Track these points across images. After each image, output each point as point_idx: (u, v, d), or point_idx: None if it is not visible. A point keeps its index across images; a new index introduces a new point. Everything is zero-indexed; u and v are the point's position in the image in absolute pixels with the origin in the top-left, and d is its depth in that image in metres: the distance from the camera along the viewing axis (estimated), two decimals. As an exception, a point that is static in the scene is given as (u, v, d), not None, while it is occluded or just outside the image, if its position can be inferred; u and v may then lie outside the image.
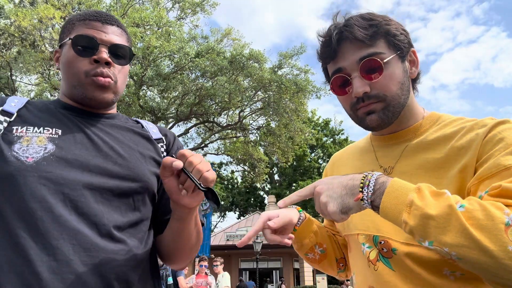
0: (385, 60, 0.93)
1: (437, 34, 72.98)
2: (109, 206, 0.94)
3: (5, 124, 0.95)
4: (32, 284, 0.80)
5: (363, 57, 0.94)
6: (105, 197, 0.94)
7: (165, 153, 1.14)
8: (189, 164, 0.89)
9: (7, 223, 0.85)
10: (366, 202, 0.80)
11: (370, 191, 0.79)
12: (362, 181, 0.81)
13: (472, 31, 71.28)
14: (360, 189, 0.80)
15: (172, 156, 0.91)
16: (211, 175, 0.90)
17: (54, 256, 0.83)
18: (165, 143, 1.16)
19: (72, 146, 0.96)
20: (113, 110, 1.14)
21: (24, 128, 0.95)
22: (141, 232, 1.00)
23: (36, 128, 0.96)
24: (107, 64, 1.02)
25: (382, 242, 0.95)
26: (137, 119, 1.20)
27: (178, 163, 0.87)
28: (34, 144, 0.92)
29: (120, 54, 1.05)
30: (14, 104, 1.00)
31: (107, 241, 0.90)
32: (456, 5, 69.85)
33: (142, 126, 1.16)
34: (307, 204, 30.05)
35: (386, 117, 0.97)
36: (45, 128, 0.96)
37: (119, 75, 1.06)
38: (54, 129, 0.97)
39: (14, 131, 0.94)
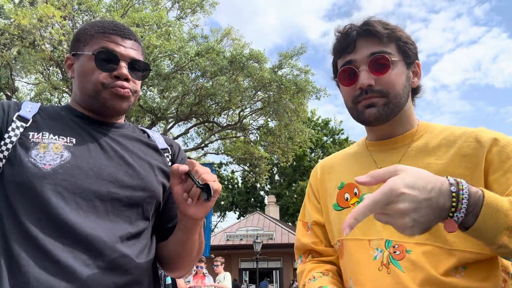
0: (392, 59, 1.00)
1: (438, 35, 72.94)
2: (119, 216, 0.98)
3: (21, 130, 0.97)
4: (52, 284, 0.84)
5: (374, 52, 1.00)
6: (116, 207, 0.97)
7: (170, 163, 1.17)
8: (195, 173, 0.94)
9: (25, 227, 0.88)
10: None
11: (462, 216, 0.71)
12: (454, 204, 0.71)
13: (473, 32, 71.23)
14: (451, 214, 0.71)
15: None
16: (217, 185, 0.94)
17: (75, 259, 0.88)
18: (170, 153, 1.19)
19: (86, 155, 0.99)
20: (122, 119, 1.17)
21: (40, 134, 0.97)
22: (146, 239, 1.04)
23: (51, 135, 0.98)
24: (126, 79, 1.05)
25: (396, 245, 0.96)
26: (144, 128, 1.24)
27: (184, 167, 0.93)
28: (51, 151, 0.95)
29: (137, 68, 1.09)
30: (29, 109, 1.02)
31: (118, 247, 0.94)
32: (457, 6, 69.79)
33: (149, 136, 1.19)
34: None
35: (384, 112, 1.01)
36: (60, 136, 0.99)
37: (136, 87, 1.10)
38: (68, 138, 1.00)
39: (30, 136, 0.96)
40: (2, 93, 15.42)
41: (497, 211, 0.72)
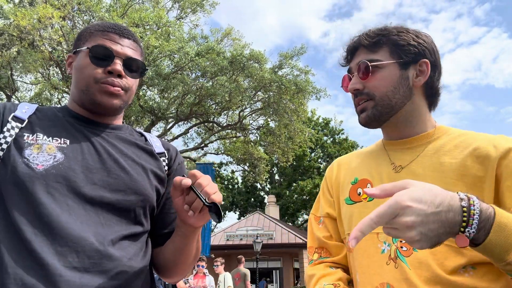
0: (373, 64, 1.05)
1: (439, 35, 72.71)
2: (110, 220, 0.97)
3: (17, 130, 0.97)
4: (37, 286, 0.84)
5: (360, 60, 1.09)
6: (107, 211, 0.97)
7: (166, 168, 1.16)
8: (198, 186, 0.93)
9: (16, 228, 0.88)
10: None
11: (473, 231, 0.70)
12: (465, 218, 0.70)
13: (474, 32, 71.21)
14: (462, 229, 0.70)
15: (183, 176, 0.95)
16: (218, 197, 0.94)
17: (62, 262, 0.87)
18: (167, 157, 1.18)
19: (79, 157, 0.99)
20: (119, 121, 1.16)
21: (35, 135, 0.98)
22: (141, 243, 1.04)
23: (45, 136, 0.99)
24: (119, 75, 1.05)
25: (404, 241, 0.96)
26: (142, 131, 1.23)
27: (187, 181, 0.92)
28: (44, 152, 0.95)
29: (133, 67, 1.08)
30: (25, 110, 1.02)
31: (109, 250, 0.93)
32: (457, 6, 69.78)
33: (146, 139, 1.19)
34: (306, 204, 30.03)
35: (373, 115, 1.07)
36: (54, 138, 0.99)
37: (130, 86, 1.09)
38: (62, 139, 1.00)
39: (25, 137, 0.97)
40: (2, 92, 15.42)
41: (508, 228, 0.72)
